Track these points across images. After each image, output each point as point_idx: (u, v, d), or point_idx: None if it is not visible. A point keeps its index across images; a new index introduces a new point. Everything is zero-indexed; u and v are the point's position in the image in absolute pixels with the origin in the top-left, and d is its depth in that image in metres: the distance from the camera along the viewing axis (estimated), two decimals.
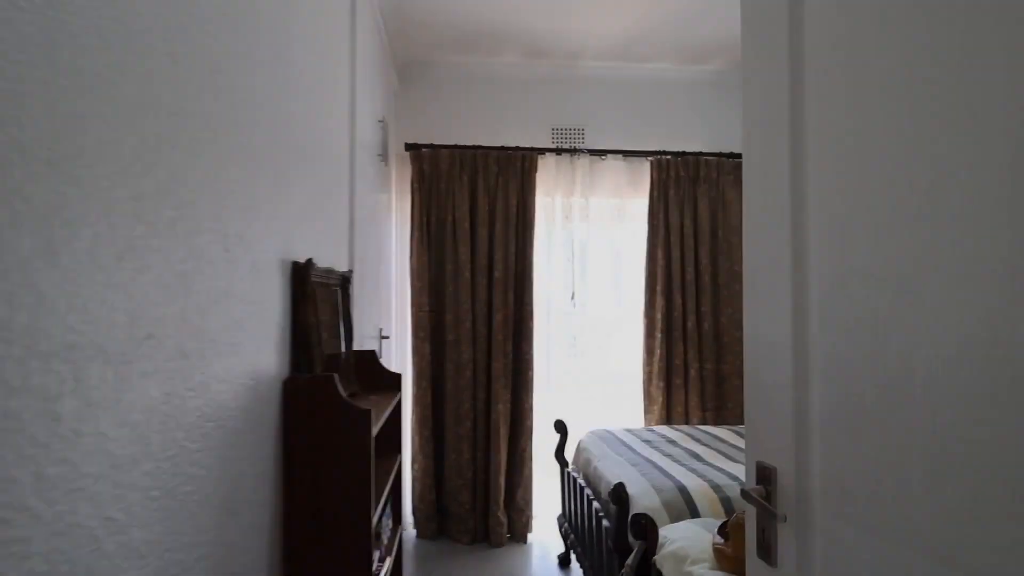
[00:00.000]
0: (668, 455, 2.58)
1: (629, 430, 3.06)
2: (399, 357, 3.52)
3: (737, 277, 3.59)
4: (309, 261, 1.39)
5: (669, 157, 3.60)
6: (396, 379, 1.94)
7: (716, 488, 2.13)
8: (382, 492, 1.53)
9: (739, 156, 3.65)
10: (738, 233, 3.62)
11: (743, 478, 2.31)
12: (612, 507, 2.06)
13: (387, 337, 2.97)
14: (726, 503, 2.07)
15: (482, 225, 3.44)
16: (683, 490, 2.13)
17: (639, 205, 3.72)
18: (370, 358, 1.93)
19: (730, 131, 3.78)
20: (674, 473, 2.30)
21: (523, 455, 3.40)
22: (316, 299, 1.52)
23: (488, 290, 3.45)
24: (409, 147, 3.47)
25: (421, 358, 3.37)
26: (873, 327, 0.68)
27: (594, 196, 3.68)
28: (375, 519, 1.36)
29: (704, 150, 3.68)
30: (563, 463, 3.01)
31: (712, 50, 3.52)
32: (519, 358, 3.44)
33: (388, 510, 1.88)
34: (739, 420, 3.54)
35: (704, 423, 3.51)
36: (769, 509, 0.82)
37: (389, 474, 1.74)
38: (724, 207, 3.63)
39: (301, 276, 1.36)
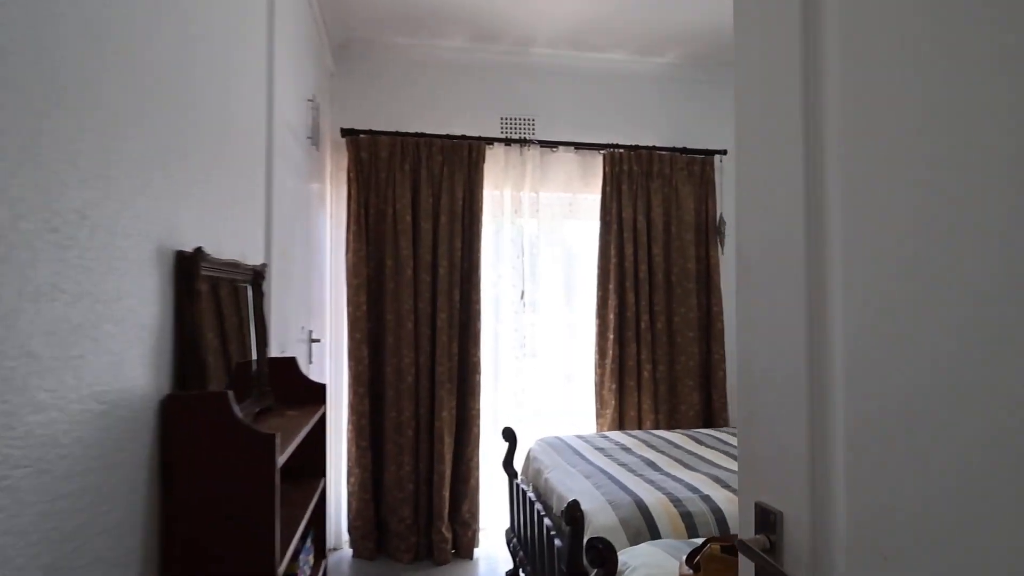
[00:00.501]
0: (623, 464, 2.42)
1: (581, 437, 2.89)
2: (334, 362, 3.23)
3: (691, 275, 3.49)
4: (199, 251, 1.12)
5: (622, 151, 3.46)
6: (319, 390, 1.68)
7: (676, 502, 1.97)
8: (295, 529, 1.28)
9: (693, 152, 3.55)
10: (692, 230, 3.52)
11: (703, 489, 2.19)
12: (566, 527, 1.87)
13: (318, 340, 2.69)
14: (687, 518, 1.92)
15: (425, 218, 3.20)
16: (641, 505, 1.96)
17: (591, 200, 3.56)
18: (290, 366, 1.67)
19: (683, 126, 3.68)
20: (630, 485, 2.14)
21: (469, 465, 3.17)
22: (213, 297, 1.25)
23: (432, 288, 3.21)
24: (346, 133, 3.18)
25: (358, 362, 3.10)
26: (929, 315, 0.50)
27: (545, 190, 3.50)
28: (282, 566, 1.11)
29: (657, 144, 3.56)
30: (512, 474, 2.81)
31: (665, 42, 3.40)
32: (465, 361, 3.22)
33: (309, 543, 1.62)
34: (692, 424, 3.44)
35: (657, 427, 3.39)
36: (775, 567, 0.63)
37: (309, 502, 1.49)
38: (678, 203, 3.53)
39: (187, 269, 1.10)
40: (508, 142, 3.38)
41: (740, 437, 0.75)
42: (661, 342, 3.44)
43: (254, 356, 1.54)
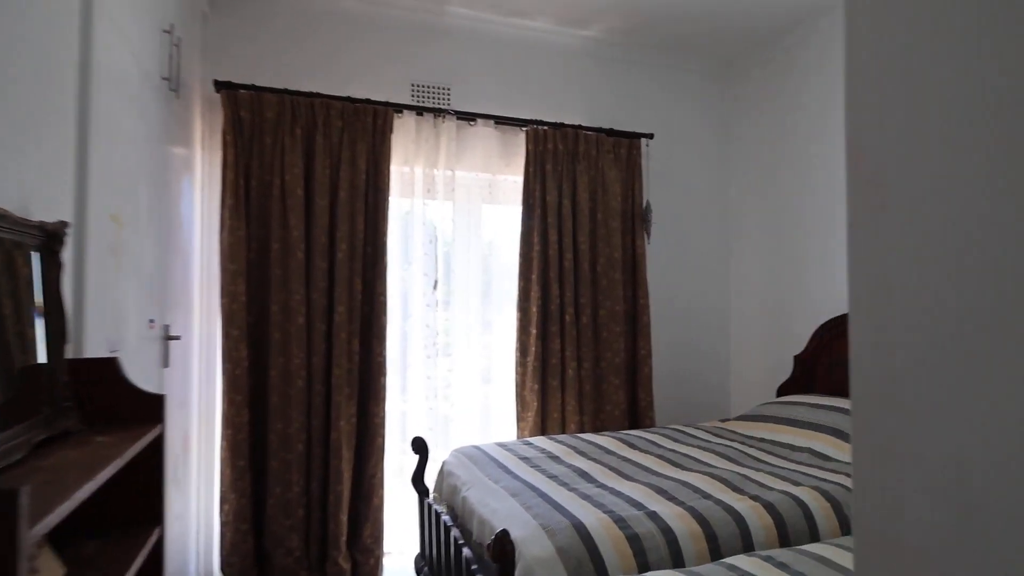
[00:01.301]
0: (553, 476, 2.10)
1: (502, 445, 2.54)
2: (204, 364, 2.67)
3: (617, 265, 3.25)
4: None
5: (546, 128, 3.16)
6: (155, 404, 1.21)
7: (620, 522, 1.68)
8: None
9: (619, 134, 3.32)
10: (618, 217, 3.29)
11: (647, 504, 1.83)
12: (493, 564, 1.51)
13: (178, 337, 2.15)
14: (634, 543, 1.62)
15: (321, 194, 2.71)
16: (581, 529, 1.64)
17: (513, 183, 3.24)
18: (108, 372, 1.18)
19: (609, 107, 3.45)
20: (565, 503, 1.82)
21: (372, 482, 2.73)
22: None
23: (329, 277, 2.73)
24: (221, 86, 2.63)
25: (235, 364, 2.56)
26: None
27: (462, 168, 3.13)
28: None
29: (583, 124, 3.30)
30: (422, 491, 2.42)
31: (591, 13, 3.13)
32: (368, 362, 2.77)
33: None
34: (618, 425, 3.20)
35: (582, 430, 3.12)
36: None
37: (128, 568, 1.02)
38: (604, 188, 3.28)
39: None
40: (420, 111, 2.97)
41: (857, 484, 0.42)
42: (586, 337, 3.17)
43: (46, 357, 1.05)
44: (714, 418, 3.71)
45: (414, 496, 2.51)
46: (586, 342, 3.17)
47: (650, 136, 3.41)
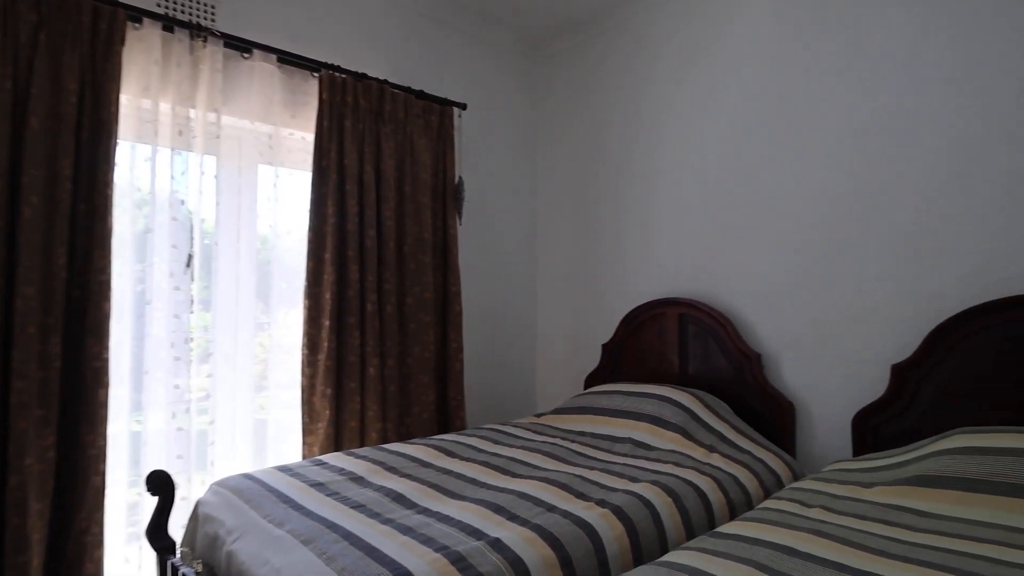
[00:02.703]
0: (359, 506, 1.61)
1: (285, 469, 1.95)
2: None
3: (427, 247, 2.85)
4: None
5: (345, 76, 2.61)
6: None
7: (459, 563, 1.27)
8: None
9: (431, 99, 2.92)
10: (428, 192, 2.88)
11: (486, 529, 1.35)
12: None
13: None
14: None
15: (0, 118, 1.80)
16: None
17: (302, 139, 2.62)
18: None
19: (419, 66, 3.03)
20: (380, 544, 1.35)
21: (83, 543, 1.89)
22: None
23: (8, 244, 1.82)
24: None
25: None
26: None
27: (231, 113, 2.41)
28: None
29: (391, 79, 2.82)
30: (165, 547, 1.71)
31: None
32: (78, 367, 1.92)
33: None
34: (428, 429, 2.80)
35: (387, 439, 2.65)
36: None
37: None
38: (413, 157, 2.85)
39: None
40: (170, 25, 2.19)
41: None
42: (391, 329, 2.70)
43: None
44: (523, 413, 3.54)
45: (152, 556, 1.78)
46: (391, 335, 2.69)
47: (463, 106, 3.08)
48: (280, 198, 2.51)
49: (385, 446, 2.26)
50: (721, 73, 2.71)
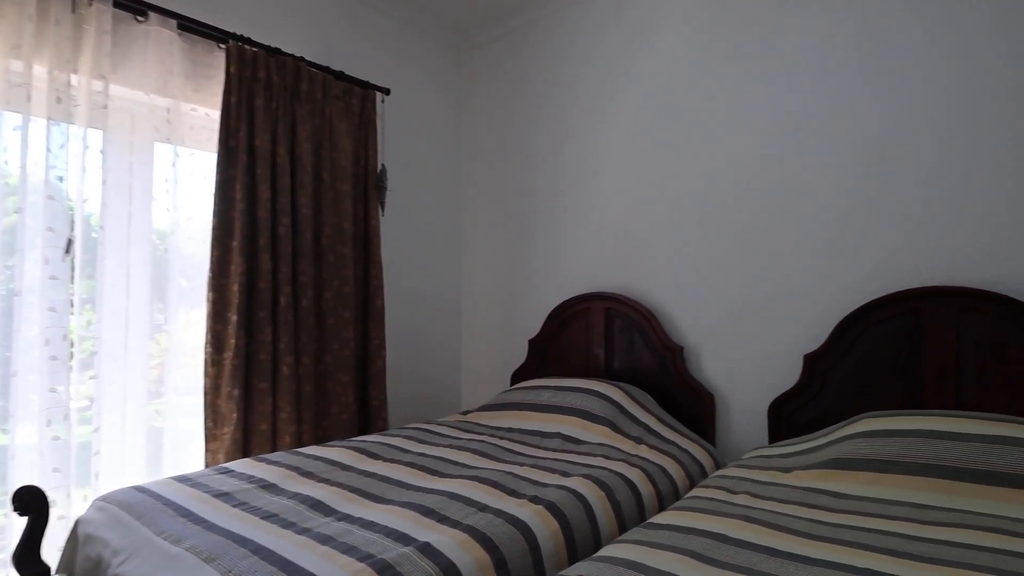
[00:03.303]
0: (271, 516, 1.46)
1: (185, 480, 1.75)
2: None
3: (347, 238, 2.69)
4: None
5: (256, 50, 2.40)
6: None
7: (386, 571, 1.17)
8: None
9: (351, 80, 2.76)
10: (349, 180, 2.72)
11: (413, 534, 1.26)
12: None
13: None
14: None
15: None
16: None
17: (206, 116, 2.39)
18: None
19: (339, 46, 2.86)
20: (296, 557, 1.22)
21: None
22: None
23: None
24: None
25: None
26: None
27: (120, 82, 2.16)
28: None
29: (307, 57, 2.64)
30: (36, 572, 1.47)
31: None
32: None
33: None
34: (347, 432, 2.64)
35: (301, 443, 2.47)
36: None
37: None
38: (332, 142, 2.68)
39: None
40: None
41: None
42: (308, 325, 2.52)
43: None
44: (449, 411, 3.44)
45: None
46: (307, 330, 2.51)
47: (387, 91, 2.94)
48: (180, 180, 2.27)
49: (300, 450, 2.09)
50: (646, 70, 2.75)
